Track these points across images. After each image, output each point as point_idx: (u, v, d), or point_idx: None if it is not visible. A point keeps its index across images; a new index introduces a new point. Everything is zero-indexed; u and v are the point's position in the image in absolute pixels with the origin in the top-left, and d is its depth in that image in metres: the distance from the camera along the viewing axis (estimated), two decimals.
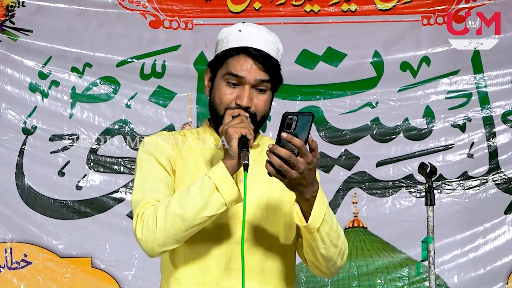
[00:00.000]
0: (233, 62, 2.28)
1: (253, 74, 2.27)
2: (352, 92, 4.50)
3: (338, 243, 2.23)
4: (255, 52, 2.26)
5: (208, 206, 2.14)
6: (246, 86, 2.27)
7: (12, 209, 4.36)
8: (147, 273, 4.31)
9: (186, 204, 2.14)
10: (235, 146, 2.14)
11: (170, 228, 2.14)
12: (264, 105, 2.30)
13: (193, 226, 2.15)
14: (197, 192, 2.15)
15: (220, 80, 2.30)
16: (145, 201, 2.25)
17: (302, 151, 2.04)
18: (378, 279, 4.42)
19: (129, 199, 4.36)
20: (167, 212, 2.15)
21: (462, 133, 4.52)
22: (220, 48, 2.33)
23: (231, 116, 2.23)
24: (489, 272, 4.45)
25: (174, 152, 2.33)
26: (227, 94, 2.28)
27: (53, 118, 4.42)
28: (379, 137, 4.50)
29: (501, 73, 4.53)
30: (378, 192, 4.47)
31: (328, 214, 2.17)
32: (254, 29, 2.31)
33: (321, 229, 2.15)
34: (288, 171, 2.05)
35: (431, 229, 2.99)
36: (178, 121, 4.46)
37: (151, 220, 2.17)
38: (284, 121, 2.01)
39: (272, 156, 2.05)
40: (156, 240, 2.17)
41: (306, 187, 2.11)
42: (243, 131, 2.15)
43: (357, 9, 4.53)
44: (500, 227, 4.48)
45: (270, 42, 2.30)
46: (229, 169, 2.15)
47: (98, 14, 4.46)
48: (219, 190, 2.13)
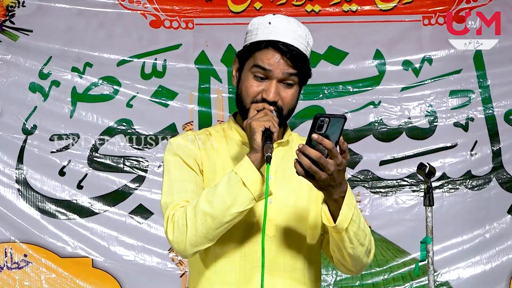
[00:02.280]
0: (261, 56, 2.25)
1: (281, 68, 2.24)
2: (355, 91, 4.49)
3: (365, 242, 2.21)
4: (283, 47, 2.24)
5: (237, 202, 2.12)
6: (273, 81, 2.25)
7: (12, 209, 4.34)
8: (148, 273, 4.30)
9: (215, 201, 2.13)
10: (259, 139, 2.12)
11: (201, 228, 2.13)
12: (291, 99, 2.28)
13: (224, 223, 2.14)
14: (225, 189, 2.13)
15: (248, 72, 2.28)
16: (174, 203, 2.22)
17: (332, 152, 2.02)
18: (381, 279, 4.39)
19: (130, 199, 4.38)
20: (196, 211, 2.13)
21: (465, 132, 4.51)
22: (249, 40, 2.31)
23: (256, 110, 2.22)
24: (491, 271, 4.43)
25: (200, 153, 2.31)
26: (254, 86, 2.26)
27: (53, 118, 4.41)
28: (382, 137, 4.49)
29: (504, 72, 4.54)
30: (381, 191, 4.46)
31: (356, 214, 2.15)
32: (284, 23, 2.28)
33: (349, 229, 2.14)
34: (317, 172, 2.04)
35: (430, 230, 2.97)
36: (179, 120, 4.45)
37: (181, 221, 2.15)
38: (315, 122, 2.00)
39: (302, 157, 2.03)
40: (188, 240, 2.15)
41: (335, 188, 2.09)
42: (266, 124, 2.14)
43: (358, 9, 4.54)
44: (503, 227, 4.47)
45: (299, 36, 2.27)
46: (254, 163, 2.13)
47: (99, 14, 4.46)
48: (246, 185, 2.12)
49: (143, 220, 4.37)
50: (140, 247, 4.33)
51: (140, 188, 4.39)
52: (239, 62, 2.33)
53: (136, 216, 4.38)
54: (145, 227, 4.35)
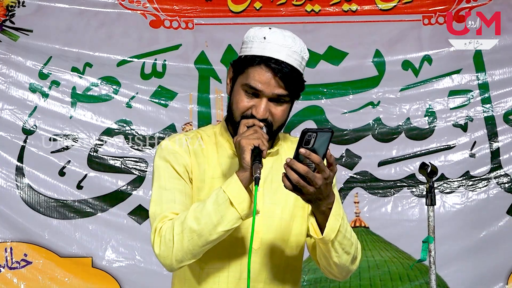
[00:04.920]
0: (253, 73, 2.24)
1: (271, 88, 2.24)
2: (354, 91, 4.49)
3: (350, 250, 2.23)
4: (275, 65, 2.23)
5: (224, 220, 2.13)
6: (264, 99, 2.25)
7: (12, 209, 4.35)
8: (147, 273, 4.31)
9: (202, 219, 2.14)
10: (248, 158, 2.12)
11: (187, 244, 2.15)
12: (282, 115, 2.28)
13: (210, 241, 2.16)
14: (212, 207, 2.14)
15: (239, 86, 2.28)
16: (162, 214, 2.23)
17: (320, 167, 2.04)
18: (379, 279, 4.40)
19: (129, 199, 4.39)
20: (183, 228, 2.15)
21: (464, 132, 4.51)
22: (244, 52, 2.30)
23: (246, 127, 2.22)
24: (489, 271, 4.43)
25: (190, 160, 2.32)
26: (244, 102, 2.26)
27: (53, 118, 4.41)
28: (381, 137, 4.49)
29: (503, 72, 4.52)
30: (380, 192, 4.46)
31: (342, 224, 2.17)
32: (279, 38, 2.25)
33: (335, 240, 2.17)
34: (305, 186, 2.05)
35: (431, 229, 2.99)
36: (179, 120, 4.45)
37: (168, 236, 2.17)
38: (303, 137, 2.02)
39: (290, 171, 2.04)
40: (174, 256, 2.17)
41: (322, 201, 2.11)
42: (255, 142, 2.14)
43: (358, 9, 4.53)
44: (501, 227, 4.46)
45: (293, 52, 2.25)
46: (243, 182, 2.13)
47: (98, 14, 4.45)
48: (233, 205, 2.12)
49: (142, 220, 4.38)
50: (140, 247, 4.34)
51: (139, 188, 4.40)
52: (233, 72, 2.33)
53: (135, 216, 4.39)
54: (144, 228, 4.36)
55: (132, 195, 4.40)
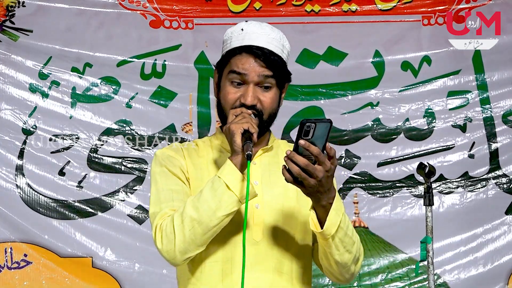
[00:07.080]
0: (236, 61, 2.28)
1: (256, 70, 2.26)
2: (353, 92, 4.50)
3: (352, 249, 2.23)
4: (257, 50, 2.26)
5: (222, 205, 2.14)
6: (250, 85, 2.27)
7: (12, 209, 4.35)
8: (147, 273, 4.32)
9: (201, 207, 2.14)
10: (239, 140, 2.14)
11: (189, 234, 2.15)
12: (271, 102, 2.29)
13: (211, 228, 2.16)
14: (209, 193, 2.15)
15: (225, 80, 2.30)
16: (162, 212, 2.24)
17: (319, 159, 2.03)
18: (379, 279, 4.41)
19: (129, 199, 4.40)
20: (183, 218, 2.15)
21: (463, 133, 4.52)
22: (225, 49, 2.34)
23: (234, 115, 2.23)
24: (489, 272, 4.44)
25: (186, 162, 2.33)
26: (231, 93, 2.28)
27: (53, 118, 4.42)
28: (380, 137, 4.50)
29: (502, 73, 4.53)
30: (379, 192, 4.47)
31: (343, 221, 2.17)
32: (256, 27, 2.31)
33: (336, 235, 2.16)
34: (306, 178, 2.04)
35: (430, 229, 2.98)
36: (179, 121, 4.45)
37: (169, 229, 2.17)
38: (302, 128, 2.00)
39: (290, 163, 2.04)
40: (177, 248, 2.16)
41: (323, 194, 2.10)
42: (245, 125, 2.16)
43: (357, 9, 4.53)
44: (500, 227, 4.47)
45: (273, 39, 2.30)
46: (237, 165, 2.15)
47: (98, 14, 4.45)
48: (230, 188, 2.13)
49: (142, 220, 4.38)
50: (140, 247, 4.34)
51: (139, 188, 4.41)
52: (218, 73, 2.36)
53: (135, 216, 4.40)
54: (144, 228, 4.36)
55: (132, 195, 4.40)
